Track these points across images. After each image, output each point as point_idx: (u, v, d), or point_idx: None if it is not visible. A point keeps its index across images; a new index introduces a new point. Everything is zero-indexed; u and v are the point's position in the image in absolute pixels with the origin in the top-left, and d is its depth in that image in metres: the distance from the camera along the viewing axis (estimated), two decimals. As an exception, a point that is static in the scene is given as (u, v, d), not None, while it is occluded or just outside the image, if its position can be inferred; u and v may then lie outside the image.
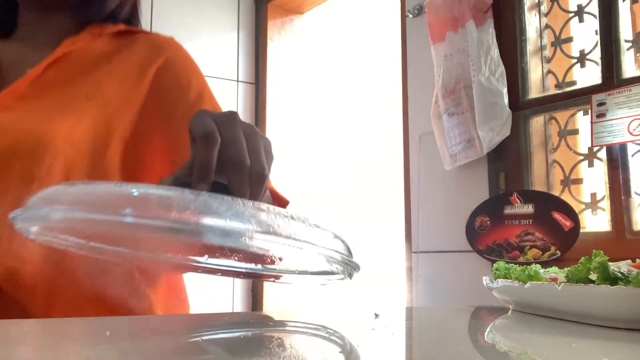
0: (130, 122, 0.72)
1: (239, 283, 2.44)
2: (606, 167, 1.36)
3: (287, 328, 0.51)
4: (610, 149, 1.34)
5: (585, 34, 1.49)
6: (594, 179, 1.43)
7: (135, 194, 0.37)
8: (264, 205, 0.39)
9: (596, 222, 1.41)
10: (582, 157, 1.46)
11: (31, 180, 0.68)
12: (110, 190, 0.39)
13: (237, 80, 2.52)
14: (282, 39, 2.56)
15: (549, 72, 1.57)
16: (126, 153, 0.71)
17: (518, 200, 1.32)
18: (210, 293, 2.30)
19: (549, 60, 1.58)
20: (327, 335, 0.45)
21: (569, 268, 0.71)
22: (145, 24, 2.33)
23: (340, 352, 0.37)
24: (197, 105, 0.76)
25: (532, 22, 1.58)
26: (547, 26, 1.58)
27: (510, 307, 0.82)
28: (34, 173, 0.68)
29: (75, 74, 0.74)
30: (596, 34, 1.41)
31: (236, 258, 0.49)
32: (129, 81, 0.75)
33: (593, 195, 1.42)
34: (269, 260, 0.50)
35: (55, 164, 0.69)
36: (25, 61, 0.74)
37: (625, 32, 1.37)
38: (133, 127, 0.72)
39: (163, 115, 0.74)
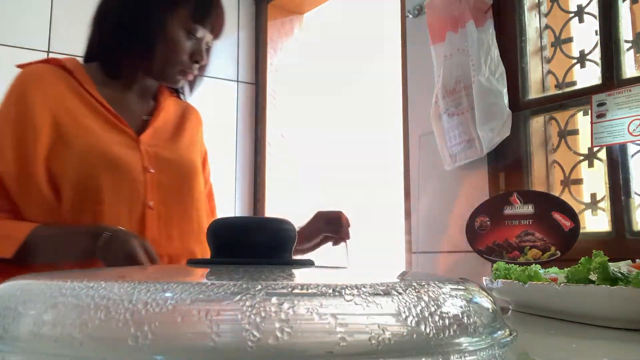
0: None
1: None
2: (606, 167, 1.36)
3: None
4: (610, 149, 1.34)
5: (585, 34, 1.49)
6: (594, 179, 1.43)
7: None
8: None
9: (596, 222, 1.41)
10: (582, 158, 1.46)
11: (192, 200, 1.03)
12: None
13: (237, 81, 2.52)
14: (282, 39, 2.56)
15: (549, 72, 1.57)
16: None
17: (518, 201, 1.32)
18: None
19: (549, 61, 1.58)
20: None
21: (569, 268, 0.71)
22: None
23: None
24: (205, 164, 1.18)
25: (532, 23, 1.58)
26: (547, 26, 1.58)
27: (510, 307, 0.82)
28: (194, 193, 1.04)
29: (174, 120, 1.10)
30: (596, 34, 1.41)
31: None
32: (196, 135, 1.14)
33: (593, 195, 1.42)
34: None
35: (200, 185, 1.08)
36: (133, 106, 1.05)
37: (625, 32, 1.36)
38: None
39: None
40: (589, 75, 1.46)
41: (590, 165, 1.44)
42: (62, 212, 0.92)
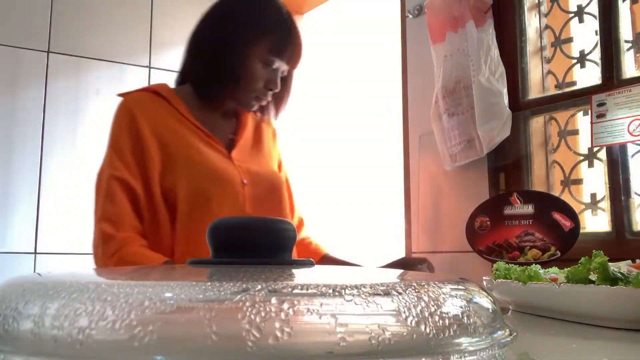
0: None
1: None
2: (606, 167, 1.36)
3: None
4: (610, 150, 1.34)
5: (585, 34, 1.49)
6: (594, 180, 1.43)
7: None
8: None
9: (596, 222, 1.41)
10: (582, 158, 1.46)
11: (281, 208, 1.16)
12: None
13: (237, 81, 2.52)
14: (282, 39, 2.56)
15: (549, 72, 1.57)
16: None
17: (518, 201, 1.32)
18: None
19: (549, 61, 1.58)
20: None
21: (569, 268, 0.71)
22: (145, 24, 2.32)
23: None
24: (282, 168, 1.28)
25: (532, 23, 1.58)
26: (547, 26, 1.58)
27: (510, 307, 0.82)
28: (282, 202, 1.17)
29: (252, 135, 1.21)
30: (596, 34, 1.41)
31: None
32: (271, 146, 1.26)
33: (593, 195, 1.42)
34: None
35: (285, 193, 1.20)
36: (220, 126, 1.17)
37: (625, 32, 1.36)
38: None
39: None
40: (589, 75, 1.46)
41: (590, 165, 1.44)
42: (176, 228, 1.01)
